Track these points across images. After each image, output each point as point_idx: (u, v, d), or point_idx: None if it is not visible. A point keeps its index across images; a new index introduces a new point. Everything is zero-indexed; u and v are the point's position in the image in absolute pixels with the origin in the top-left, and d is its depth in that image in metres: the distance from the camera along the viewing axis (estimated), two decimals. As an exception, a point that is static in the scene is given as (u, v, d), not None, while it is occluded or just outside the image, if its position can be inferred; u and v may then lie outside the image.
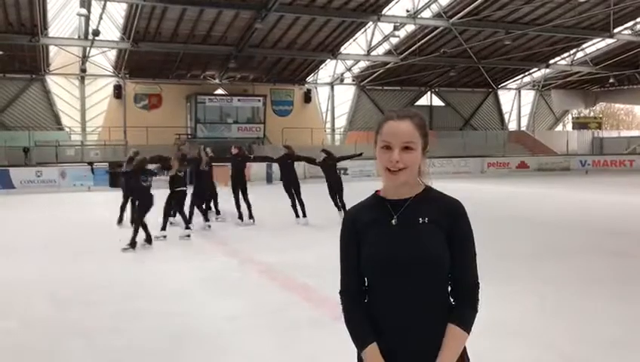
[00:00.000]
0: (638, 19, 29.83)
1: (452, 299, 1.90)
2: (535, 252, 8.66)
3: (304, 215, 12.09)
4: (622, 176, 26.52)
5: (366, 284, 1.94)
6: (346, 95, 35.88)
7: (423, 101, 37.33)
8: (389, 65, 31.34)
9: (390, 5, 25.85)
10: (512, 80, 38.28)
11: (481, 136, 36.15)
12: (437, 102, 37.82)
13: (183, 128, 30.77)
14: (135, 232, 9.21)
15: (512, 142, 36.08)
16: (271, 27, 25.95)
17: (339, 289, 1.97)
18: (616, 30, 29.50)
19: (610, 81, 35.77)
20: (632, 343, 4.68)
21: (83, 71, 28.49)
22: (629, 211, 13.62)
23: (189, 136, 29.30)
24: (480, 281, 1.91)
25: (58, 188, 22.38)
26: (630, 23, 30.14)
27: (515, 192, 19.55)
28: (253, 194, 12.68)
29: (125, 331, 5.19)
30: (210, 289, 6.88)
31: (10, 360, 4.66)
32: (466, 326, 1.86)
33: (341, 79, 34.66)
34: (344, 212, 10.89)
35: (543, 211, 14.06)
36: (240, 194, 12.33)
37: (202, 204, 11.95)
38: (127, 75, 29.74)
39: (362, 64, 32.96)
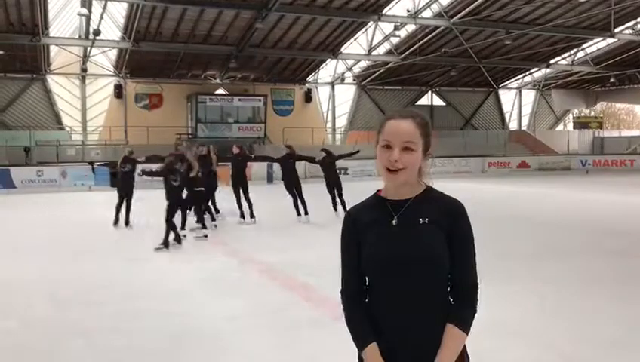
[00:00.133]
0: (639, 18, 29.79)
1: (451, 299, 1.90)
2: (535, 252, 8.65)
3: (306, 213, 12.15)
4: (622, 175, 26.48)
5: (366, 284, 1.94)
6: (346, 95, 35.84)
7: (424, 101, 37.27)
8: (389, 65, 31.30)
9: (391, 5, 25.81)
10: (513, 80, 38.20)
11: (481, 136, 36.12)
12: (438, 101, 37.76)
13: (184, 128, 30.73)
14: (167, 232, 9.29)
15: (512, 142, 36.03)
16: (271, 27, 25.93)
17: (339, 289, 1.98)
18: (616, 30, 29.44)
19: (611, 80, 35.71)
20: (632, 343, 4.68)
21: (84, 70, 28.50)
22: (629, 211, 13.61)
23: (190, 136, 29.28)
24: (480, 281, 1.91)
25: (59, 187, 22.38)
26: (631, 23, 30.06)
27: (515, 192, 19.55)
28: (254, 193, 12.68)
29: (125, 331, 5.19)
30: (210, 289, 6.88)
31: (10, 360, 4.66)
32: (464, 326, 1.86)
33: (342, 79, 34.61)
34: (344, 210, 10.90)
35: (544, 211, 14.06)
36: (241, 194, 12.36)
37: (208, 203, 12.02)
38: (128, 75, 29.71)
39: (363, 64, 32.90)
